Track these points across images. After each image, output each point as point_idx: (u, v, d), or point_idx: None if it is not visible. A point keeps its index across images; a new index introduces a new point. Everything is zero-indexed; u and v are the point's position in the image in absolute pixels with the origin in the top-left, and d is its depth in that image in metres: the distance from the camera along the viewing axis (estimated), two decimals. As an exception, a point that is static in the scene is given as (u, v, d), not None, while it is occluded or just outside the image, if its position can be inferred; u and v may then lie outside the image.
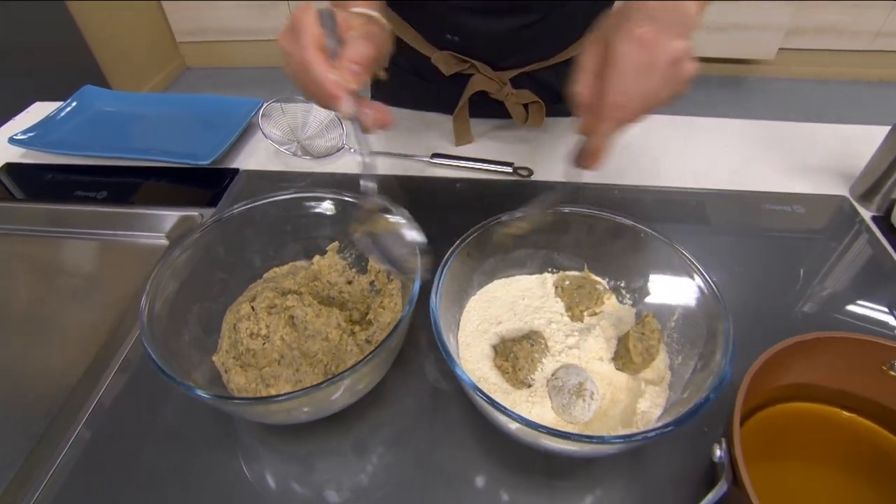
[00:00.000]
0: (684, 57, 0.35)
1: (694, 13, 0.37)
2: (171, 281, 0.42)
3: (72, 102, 0.79)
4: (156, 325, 0.39)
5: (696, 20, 0.38)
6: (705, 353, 0.38)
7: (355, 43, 0.37)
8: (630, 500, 0.38)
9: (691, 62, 0.35)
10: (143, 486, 0.39)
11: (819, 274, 0.55)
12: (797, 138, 0.73)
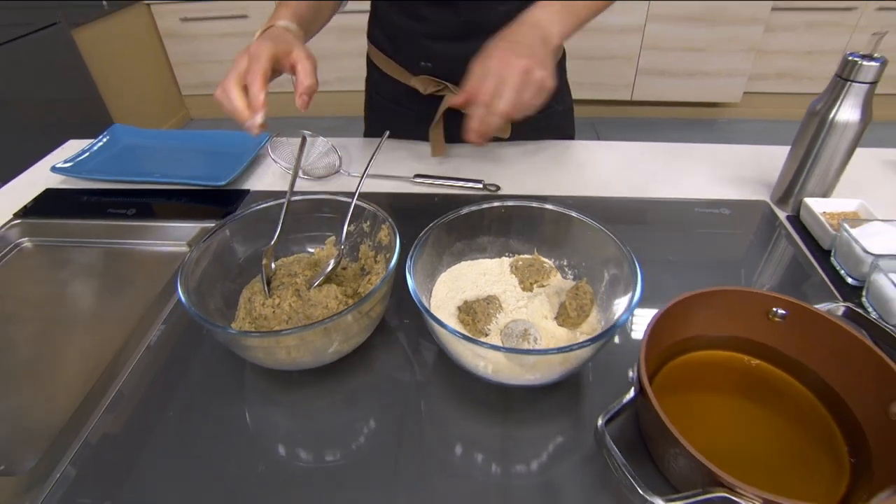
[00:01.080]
0: (532, 69, 0.50)
1: (557, 35, 0.56)
2: (200, 263, 0.52)
3: (103, 137, 0.91)
4: (191, 295, 0.48)
5: (553, 44, 0.56)
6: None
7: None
8: (567, 424, 0.47)
9: (541, 73, 0.51)
10: (172, 432, 0.48)
11: (742, 259, 0.65)
12: (729, 158, 0.85)
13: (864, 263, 0.57)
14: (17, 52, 1.88)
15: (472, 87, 0.53)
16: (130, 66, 2.58)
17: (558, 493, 0.42)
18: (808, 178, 0.69)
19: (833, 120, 0.64)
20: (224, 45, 2.82)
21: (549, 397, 0.49)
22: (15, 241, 0.75)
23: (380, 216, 0.56)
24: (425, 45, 0.77)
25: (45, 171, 0.86)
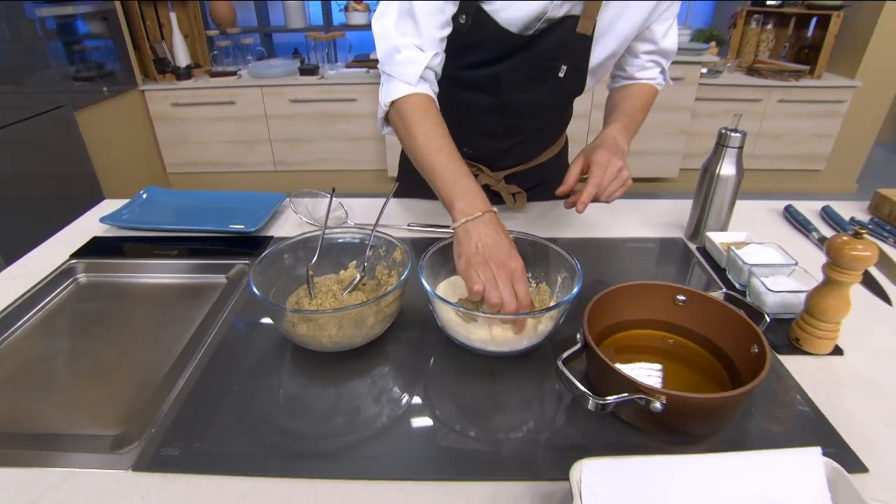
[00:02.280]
0: (623, 168, 0.80)
1: (626, 147, 0.85)
2: (261, 274, 0.69)
3: (142, 195, 1.08)
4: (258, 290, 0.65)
5: (626, 150, 0.86)
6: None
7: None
8: (536, 379, 0.64)
9: (627, 171, 0.80)
10: (236, 398, 0.62)
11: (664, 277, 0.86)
12: (653, 209, 1.09)
13: (744, 272, 0.78)
14: (27, 131, 2.05)
15: (598, 174, 0.81)
16: (122, 145, 2.77)
17: (532, 416, 0.58)
18: (707, 218, 0.93)
19: (718, 174, 0.89)
20: (211, 127, 3.06)
21: (524, 365, 0.66)
22: (73, 276, 0.89)
23: (394, 241, 0.75)
24: (469, 139, 0.97)
25: (90, 223, 1.02)
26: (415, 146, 0.77)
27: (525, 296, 0.63)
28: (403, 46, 0.80)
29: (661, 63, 0.98)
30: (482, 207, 0.69)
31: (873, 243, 0.62)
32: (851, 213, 1.08)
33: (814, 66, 3.00)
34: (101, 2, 2.59)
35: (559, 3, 0.80)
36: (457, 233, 0.68)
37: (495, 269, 0.63)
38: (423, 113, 0.79)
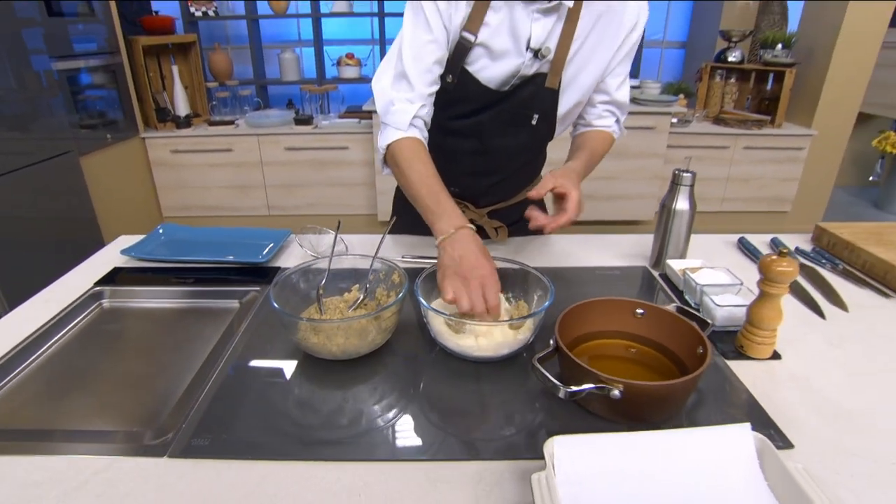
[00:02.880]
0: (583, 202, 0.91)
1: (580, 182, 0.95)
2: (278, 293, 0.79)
3: (159, 230, 1.18)
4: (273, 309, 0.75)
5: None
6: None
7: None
8: (516, 381, 0.74)
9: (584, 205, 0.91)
10: (255, 398, 0.71)
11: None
12: (622, 241, 1.21)
13: (697, 291, 0.90)
14: (34, 176, 2.15)
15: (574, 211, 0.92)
16: (121, 190, 2.88)
17: (512, 408, 0.68)
18: (667, 248, 1.05)
19: (674, 209, 1.01)
20: (208, 173, 3.19)
21: (505, 369, 0.76)
22: (98, 301, 0.98)
23: (392, 266, 0.86)
24: (457, 178, 1.09)
25: (111, 255, 1.12)
26: (405, 181, 0.93)
27: (493, 299, 0.75)
28: (397, 100, 0.96)
29: (616, 113, 1.12)
30: (457, 224, 0.83)
31: (795, 261, 0.74)
32: (797, 243, 1.21)
33: (774, 116, 3.24)
34: (110, 55, 2.75)
35: (529, 63, 0.96)
36: (438, 250, 0.82)
37: (465, 279, 0.75)
38: (412, 152, 0.94)
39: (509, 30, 0.94)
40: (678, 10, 4.06)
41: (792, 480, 0.53)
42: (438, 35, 0.95)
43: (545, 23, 0.94)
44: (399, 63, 0.96)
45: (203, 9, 3.47)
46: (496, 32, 0.95)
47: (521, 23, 0.94)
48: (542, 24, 0.94)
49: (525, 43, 0.95)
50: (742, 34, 3.32)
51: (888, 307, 0.96)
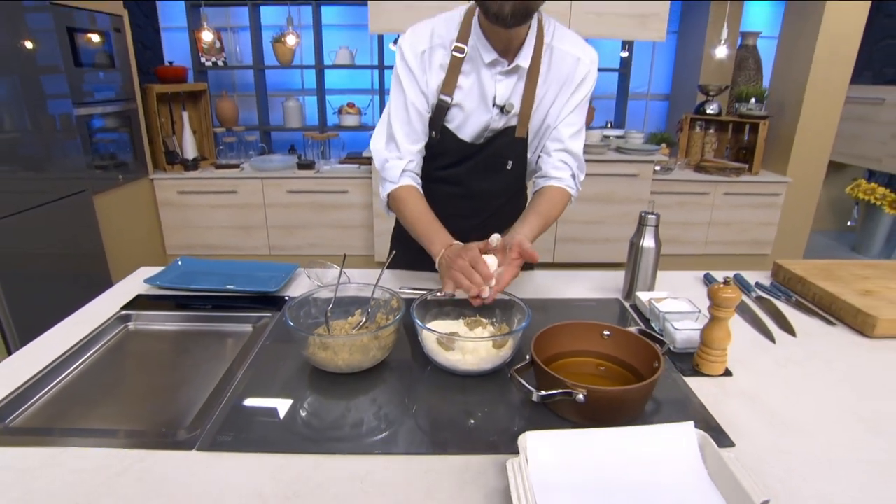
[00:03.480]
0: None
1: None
2: (292, 315, 0.90)
3: (178, 262, 1.30)
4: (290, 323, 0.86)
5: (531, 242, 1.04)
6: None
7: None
8: (497, 394, 0.84)
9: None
10: (271, 405, 0.81)
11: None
12: (599, 278, 1.33)
13: (660, 318, 1.02)
14: (50, 213, 2.28)
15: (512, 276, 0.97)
16: (129, 228, 3.00)
17: (493, 413, 0.78)
18: (637, 281, 1.17)
19: (641, 246, 1.14)
20: (212, 213, 3.32)
21: (488, 381, 0.87)
22: (125, 324, 1.09)
23: (391, 293, 0.97)
24: (445, 220, 1.18)
25: (133, 284, 1.23)
26: (405, 220, 1.15)
27: (484, 270, 0.91)
28: (390, 159, 1.17)
29: (572, 167, 1.20)
30: (447, 243, 1.03)
31: (737, 288, 0.87)
32: (758, 279, 1.34)
33: (751, 164, 3.43)
34: (126, 102, 2.93)
35: (497, 118, 1.14)
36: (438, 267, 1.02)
37: (457, 269, 0.92)
38: (406, 197, 1.15)
39: (478, 90, 1.12)
40: (661, 65, 4.34)
41: (726, 468, 0.64)
42: (418, 102, 1.13)
43: (507, 83, 1.12)
44: (389, 128, 1.17)
45: (213, 59, 3.70)
46: (468, 94, 1.13)
47: (488, 84, 1.11)
48: (504, 84, 1.12)
49: (492, 101, 1.12)
50: (718, 88, 3.55)
51: (832, 334, 1.07)
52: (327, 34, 3.84)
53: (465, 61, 1.10)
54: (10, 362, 0.92)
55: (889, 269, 1.30)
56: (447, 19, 1.12)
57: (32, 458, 0.69)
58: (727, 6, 3.36)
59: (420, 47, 1.11)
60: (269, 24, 3.81)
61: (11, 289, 2.06)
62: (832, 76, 3.20)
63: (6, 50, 2.05)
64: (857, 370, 0.94)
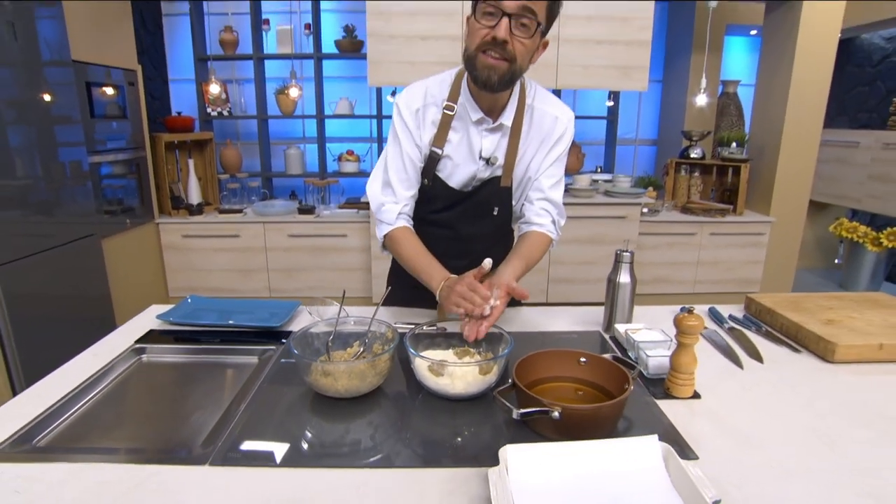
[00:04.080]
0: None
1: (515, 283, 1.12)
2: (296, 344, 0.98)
3: (188, 300, 1.38)
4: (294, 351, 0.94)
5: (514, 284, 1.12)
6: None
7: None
8: (484, 415, 0.92)
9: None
10: (276, 426, 0.89)
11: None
12: (581, 313, 1.42)
13: (635, 347, 1.10)
14: (59, 256, 2.37)
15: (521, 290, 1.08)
16: (135, 271, 3.10)
17: (478, 431, 0.86)
18: (615, 314, 1.26)
19: (618, 282, 1.24)
20: (215, 257, 3.43)
21: (475, 404, 0.94)
22: (138, 356, 1.17)
23: (386, 326, 1.06)
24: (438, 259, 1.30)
25: (145, 321, 1.31)
26: (402, 259, 1.25)
27: (483, 292, 1.02)
28: (386, 203, 1.28)
29: (552, 213, 1.30)
30: (444, 277, 1.15)
31: (700, 317, 0.95)
32: (731, 311, 1.43)
33: (736, 205, 3.57)
34: (135, 150, 3.07)
35: (483, 169, 1.26)
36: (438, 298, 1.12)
37: (457, 295, 1.03)
38: (402, 237, 1.26)
39: (466, 144, 1.25)
40: (648, 112, 4.54)
41: (685, 475, 0.71)
42: (412, 153, 1.26)
43: (492, 138, 1.25)
44: (385, 174, 1.29)
45: (219, 109, 3.88)
46: (457, 147, 1.25)
47: (475, 139, 1.24)
48: (489, 139, 1.24)
49: (478, 153, 1.24)
50: (701, 134, 3.73)
51: (797, 360, 1.15)
52: (328, 86, 4.04)
53: (455, 118, 1.23)
54: (33, 390, 1.00)
55: (853, 300, 1.39)
56: (440, 80, 1.25)
57: (59, 472, 0.76)
58: (704, 58, 3.57)
59: (415, 105, 1.24)
60: (273, 76, 4.01)
61: (20, 330, 2.13)
62: (806, 121, 3.38)
63: (28, 102, 2.19)
64: (817, 392, 1.02)
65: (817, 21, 3.26)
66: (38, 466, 0.78)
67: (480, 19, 1.07)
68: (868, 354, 1.12)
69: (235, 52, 3.83)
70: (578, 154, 3.92)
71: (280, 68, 4.01)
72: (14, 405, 0.95)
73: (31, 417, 0.90)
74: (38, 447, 0.84)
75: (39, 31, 2.26)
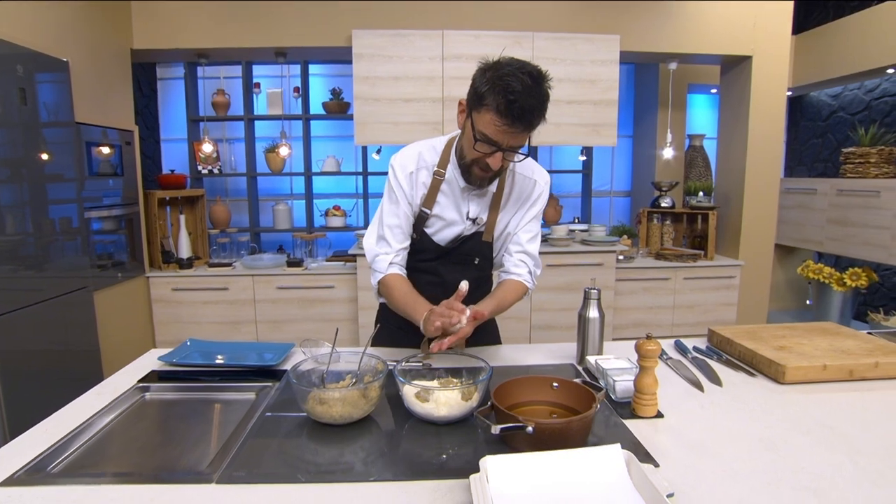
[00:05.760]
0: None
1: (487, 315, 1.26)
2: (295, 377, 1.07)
3: (187, 342, 1.46)
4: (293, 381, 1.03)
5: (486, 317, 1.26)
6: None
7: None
8: (466, 437, 1.00)
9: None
10: (276, 451, 0.96)
11: (557, 385, 1.26)
12: (556, 348, 1.53)
13: (604, 374, 1.20)
14: (51, 309, 2.42)
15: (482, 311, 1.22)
16: (124, 324, 3.13)
17: (461, 448, 0.94)
18: (586, 348, 1.37)
19: (587, 317, 1.35)
20: (204, 310, 3.48)
21: (458, 427, 1.03)
22: (141, 394, 1.24)
23: (376, 359, 1.15)
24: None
25: (146, 362, 1.38)
26: (393, 302, 1.37)
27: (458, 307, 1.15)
28: (380, 253, 1.41)
29: (529, 264, 1.44)
30: (425, 310, 1.24)
31: (657, 342, 1.07)
32: (696, 343, 1.54)
33: (706, 250, 3.75)
34: (129, 206, 3.18)
35: (469, 228, 1.40)
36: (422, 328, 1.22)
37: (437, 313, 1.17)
38: (393, 282, 1.37)
39: (454, 206, 1.39)
40: (621, 165, 4.80)
41: (644, 476, 0.80)
42: (405, 210, 1.39)
43: (479, 201, 1.40)
44: (380, 228, 1.43)
45: (209, 167, 4.03)
46: (445, 208, 1.40)
47: (462, 202, 1.39)
48: (476, 202, 1.39)
49: (465, 214, 1.38)
50: (670, 185, 3.96)
51: (752, 383, 1.26)
52: (315, 144, 4.24)
53: (444, 182, 1.38)
54: (42, 426, 1.06)
55: (804, 329, 1.52)
56: (431, 146, 1.41)
57: (75, 493, 0.83)
58: (668, 114, 3.85)
59: (409, 168, 1.39)
60: (262, 135, 4.20)
61: (8, 383, 2.16)
62: (765, 170, 3.63)
63: (30, 161, 2.31)
64: (767, 409, 1.13)
65: (767, 80, 3.57)
66: (54, 489, 0.84)
67: (478, 147, 1.22)
68: (813, 375, 1.24)
69: (227, 114, 4.02)
70: (556, 206, 4.11)
71: (269, 128, 4.20)
72: (24, 440, 1.01)
73: (43, 449, 0.96)
74: (52, 474, 0.91)
75: (47, 95, 2.41)
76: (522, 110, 1.14)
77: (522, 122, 1.16)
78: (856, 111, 4.23)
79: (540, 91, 1.16)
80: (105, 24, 3.04)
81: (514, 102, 1.12)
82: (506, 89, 1.12)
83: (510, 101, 1.12)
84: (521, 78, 1.13)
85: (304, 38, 3.38)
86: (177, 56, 3.68)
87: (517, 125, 1.16)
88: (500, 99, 1.13)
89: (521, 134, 1.19)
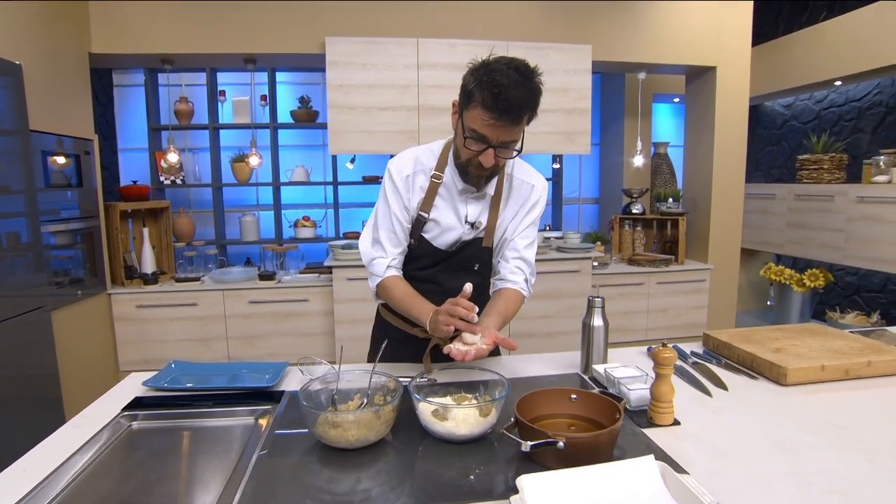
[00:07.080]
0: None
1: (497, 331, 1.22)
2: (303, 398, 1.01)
3: (171, 364, 1.37)
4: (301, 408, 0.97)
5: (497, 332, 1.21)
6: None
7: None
8: (489, 452, 0.97)
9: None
10: (289, 480, 0.90)
11: (566, 395, 1.24)
12: (559, 358, 1.51)
13: (615, 383, 1.19)
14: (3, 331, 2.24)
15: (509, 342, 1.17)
16: (83, 345, 2.95)
17: (487, 467, 0.90)
18: (592, 356, 1.35)
19: (592, 325, 1.34)
20: (170, 327, 3.32)
21: (480, 444, 0.99)
22: (128, 423, 1.14)
23: (387, 377, 1.11)
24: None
25: (128, 386, 1.29)
26: (393, 303, 1.35)
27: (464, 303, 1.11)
28: (376, 257, 1.38)
29: (525, 272, 1.41)
30: (430, 311, 1.22)
31: (673, 350, 1.06)
32: (692, 347, 1.56)
33: (677, 255, 3.84)
34: (89, 220, 3.01)
35: (467, 232, 1.37)
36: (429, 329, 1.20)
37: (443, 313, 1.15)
38: (392, 284, 1.35)
39: (452, 210, 1.36)
40: (589, 173, 4.88)
41: (683, 486, 0.79)
42: (401, 215, 1.36)
43: (476, 205, 1.37)
44: (375, 231, 1.39)
45: (172, 178, 3.87)
46: (443, 212, 1.36)
47: (460, 205, 1.36)
48: (474, 206, 1.36)
49: (464, 218, 1.35)
50: (640, 191, 4.04)
51: (755, 385, 1.28)
52: (283, 154, 4.13)
53: (442, 186, 1.34)
54: (17, 465, 0.96)
55: (793, 330, 1.55)
56: (429, 150, 1.38)
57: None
58: (637, 123, 3.94)
59: (405, 172, 1.35)
60: (228, 145, 4.07)
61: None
62: (730, 176, 3.75)
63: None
64: (776, 411, 1.14)
65: (730, 89, 3.70)
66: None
67: (468, 144, 1.20)
68: (813, 375, 1.26)
69: (191, 122, 3.88)
70: (529, 212, 4.13)
71: (235, 137, 4.07)
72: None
73: (23, 494, 0.87)
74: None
75: (-2, 103, 2.25)
76: (509, 103, 1.12)
77: (510, 115, 1.14)
78: (807, 120, 4.44)
79: (528, 84, 1.15)
80: (62, 27, 2.88)
81: (500, 95, 1.11)
82: (492, 84, 1.12)
83: (496, 94, 1.11)
84: (508, 73, 1.12)
85: (275, 45, 3.29)
86: (139, 61, 3.52)
87: (504, 119, 1.14)
88: (486, 93, 1.13)
89: (510, 128, 1.17)
